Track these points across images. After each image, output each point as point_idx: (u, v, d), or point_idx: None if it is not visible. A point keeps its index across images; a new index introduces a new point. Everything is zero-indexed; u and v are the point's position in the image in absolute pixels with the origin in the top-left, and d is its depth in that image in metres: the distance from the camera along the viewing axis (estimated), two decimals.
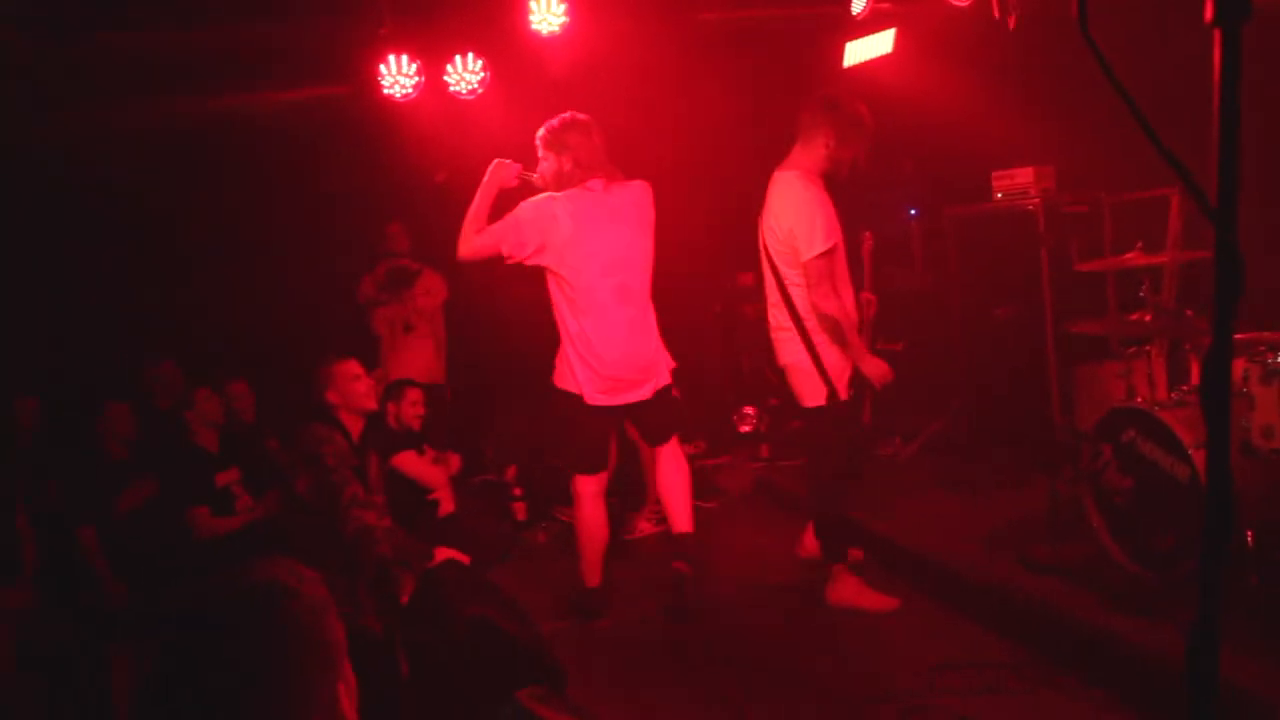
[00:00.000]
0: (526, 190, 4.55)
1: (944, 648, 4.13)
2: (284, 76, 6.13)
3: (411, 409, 5.63)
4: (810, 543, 4.99)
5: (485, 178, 4.54)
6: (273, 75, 6.06)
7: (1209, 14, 0.90)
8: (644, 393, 4.67)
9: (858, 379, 4.48)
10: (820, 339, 4.42)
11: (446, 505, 5.66)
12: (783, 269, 4.45)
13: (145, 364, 5.90)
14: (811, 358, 4.43)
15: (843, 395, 4.45)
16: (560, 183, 4.46)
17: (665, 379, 4.76)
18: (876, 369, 4.45)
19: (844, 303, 4.46)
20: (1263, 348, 3.89)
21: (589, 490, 4.74)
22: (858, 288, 4.78)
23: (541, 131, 4.49)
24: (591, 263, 4.43)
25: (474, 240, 4.44)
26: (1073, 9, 0.92)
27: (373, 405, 4.77)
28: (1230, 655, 3.29)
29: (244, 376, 6.09)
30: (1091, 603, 4.03)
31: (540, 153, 4.51)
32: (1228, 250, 0.91)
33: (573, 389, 4.61)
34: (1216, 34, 0.89)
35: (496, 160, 4.57)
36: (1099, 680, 3.71)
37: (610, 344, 4.52)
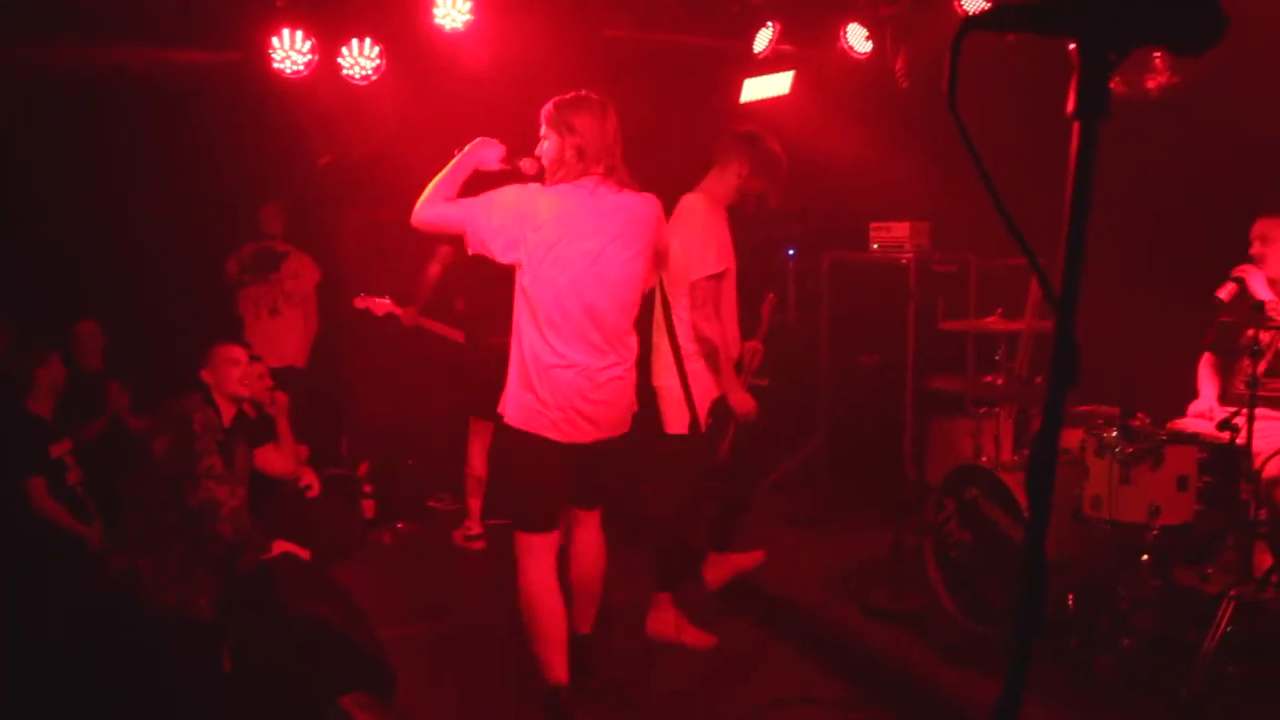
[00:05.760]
0: (508, 179, 3.71)
1: (778, 683, 4.19)
2: (173, 35, 5.89)
3: (260, 382, 5.38)
4: (713, 574, 4.95)
5: (462, 151, 3.71)
6: (162, 33, 5.82)
7: (1070, 106, 0.92)
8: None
9: (721, 410, 4.51)
10: (693, 365, 4.43)
11: (314, 490, 5.60)
12: (669, 288, 4.47)
13: None
14: (681, 383, 4.44)
15: (702, 424, 4.47)
16: (555, 172, 3.65)
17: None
18: (743, 402, 4.48)
19: (725, 330, 4.49)
20: (1100, 421, 4.06)
21: (541, 547, 3.80)
22: (748, 335, 4.83)
23: (548, 107, 3.68)
24: (561, 276, 3.60)
25: (438, 208, 3.61)
26: (943, 84, 0.94)
27: (243, 392, 4.79)
28: (1044, 712, 3.44)
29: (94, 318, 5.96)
30: (924, 652, 4.15)
31: (542, 130, 3.70)
32: (1066, 340, 0.93)
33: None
34: (1076, 126, 0.91)
35: (481, 137, 3.75)
36: None
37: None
